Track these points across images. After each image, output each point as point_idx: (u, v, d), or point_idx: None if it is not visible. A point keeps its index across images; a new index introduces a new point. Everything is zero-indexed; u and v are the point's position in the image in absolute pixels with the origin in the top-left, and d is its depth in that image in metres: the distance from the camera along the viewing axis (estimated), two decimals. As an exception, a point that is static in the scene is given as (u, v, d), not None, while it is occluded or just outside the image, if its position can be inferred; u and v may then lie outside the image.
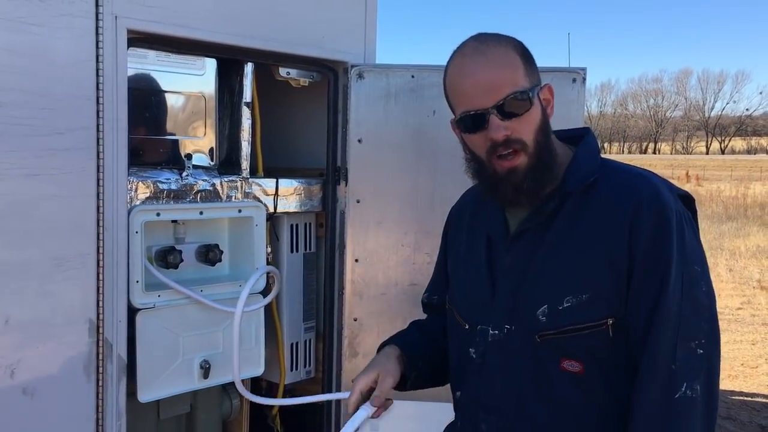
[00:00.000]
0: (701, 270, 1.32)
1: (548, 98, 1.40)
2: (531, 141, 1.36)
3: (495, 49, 1.38)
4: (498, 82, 1.36)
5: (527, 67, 1.37)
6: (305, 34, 2.25)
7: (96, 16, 1.77)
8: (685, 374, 1.28)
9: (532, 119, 1.36)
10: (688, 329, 1.29)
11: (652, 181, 1.37)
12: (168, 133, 2.13)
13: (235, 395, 2.41)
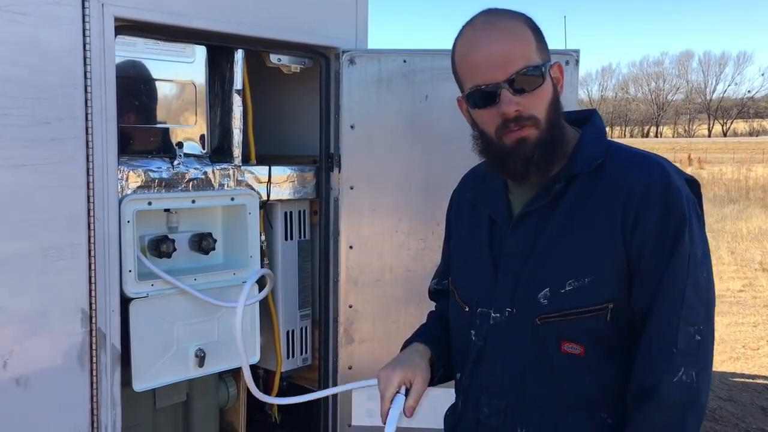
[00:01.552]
0: (702, 255, 1.31)
1: (558, 76, 1.37)
2: (543, 117, 1.34)
3: (507, 23, 1.36)
4: (511, 55, 1.34)
5: (539, 43, 1.34)
6: (296, 20, 2.23)
7: (82, 4, 1.75)
8: (684, 359, 1.28)
9: (544, 95, 1.34)
10: (689, 313, 1.28)
11: (661, 164, 1.35)
12: (158, 122, 2.12)
13: (231, 383, 2.41)
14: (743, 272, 9.85)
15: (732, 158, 36.18)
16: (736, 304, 8.19)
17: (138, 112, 2.07)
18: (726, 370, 6.03)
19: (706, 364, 1.31)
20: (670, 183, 1.30)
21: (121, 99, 1.86)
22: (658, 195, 1.29)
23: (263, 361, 2.41)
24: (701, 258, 1.31)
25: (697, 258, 1.30)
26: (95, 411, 1.85)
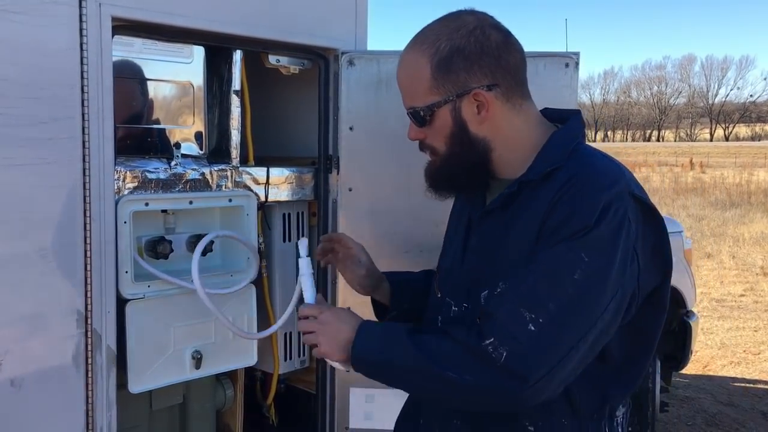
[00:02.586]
0: (589, 261, 1.28)
1: (479, 101, 1.41)
2: (441, 149, 1.47)
3: (409, 57, 1.47)
4: (405, 92, 1.49)
5: (439, 78, 1.41)
6: (295, 21, 2.22)
7: (79, 4, 1.75)
8: (500, 331, 1.29)
9: (438, 130, 1.45)
10: (532, 301, 1.29)
11: (614, 176, 1.35)
12: (155, 122, 2.11)
13: (228, 385, 2.41)
14: (744, 276, 9.83)
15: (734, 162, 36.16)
16: (737, 308, 8.17)
17: (135, 113, 2.06)
18: (727, 374, 6.01)
19: (527, 355, 1.28)
20: (587, 202, 1.30)
21: (118, 99, 1.85)
22: (573, 194, 1.31)
23: (261, 363, 2.40)
24: (585, 262, 1.28)
25: (576, 259, 1.28)
26: (91, 413, 1.84)
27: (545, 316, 1.29)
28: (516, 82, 1.46)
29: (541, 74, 2.24)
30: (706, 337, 7.01)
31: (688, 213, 15.89)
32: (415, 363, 1.36)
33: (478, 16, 1.46)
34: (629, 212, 1.31)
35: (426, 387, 1.40)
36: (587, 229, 1.29)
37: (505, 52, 1.44)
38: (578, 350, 1.31)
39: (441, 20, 1.48)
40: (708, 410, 5.20)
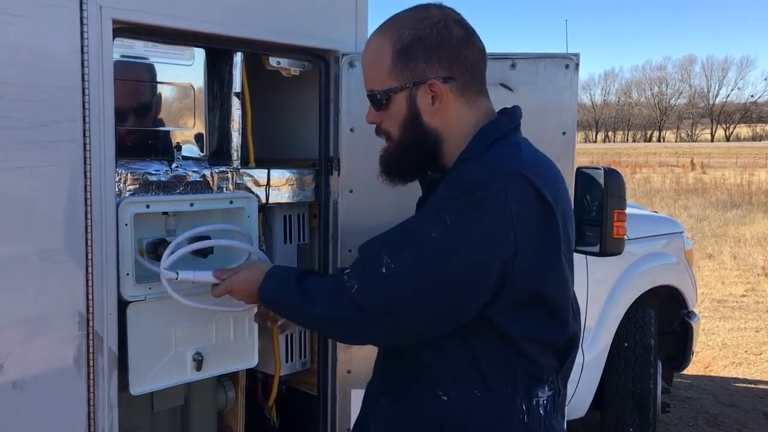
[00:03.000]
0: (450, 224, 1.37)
1: (434, 92, 1.50)
2: (394, 134, 1.56)
3: (375, 42, 1.56)
4: (367, 74, 1.58)
5: (398, 65, 1.50)
6: (295, 23, 2.22)
7: (80, 6, 1.75)
8: (358, 267, 1.47)
9: (393, 115, 1.54)
10: (392, 248, 1.43)
11: (504, 159, 1.46)
12: (157, 124, 2.11)
13: (230, 387, 2.41)
14: (746, 277, 9.82)
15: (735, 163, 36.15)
16: (739, 309, 8.17)
17: (136, 115, 2.07)
18: (728, 375, 6.01)
19: (372, 291, 1.42)
20: (478, 171, 1.43)
21: (119, 101, 1.86)
22: (450, 179, 1.45)
23: (262, 365, 2.40)
24: (444, 229, 1.38)
25: (438, 225, 1.38)
26: (92, 415, 1.84)
27: (398, 263, 1.40)
28: (473, 78, 1.54)
29: (541, 75, 2.24)
30: (707, 337, 7.01)
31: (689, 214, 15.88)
32: (294, 301, 1.57)
33: (444, 10, 1.54)
34: (510, 191, 1.38)
35: (302, 321, 1.68)
36: (455, 197, 1.40)
37: (465, 48, 1.51)
38: (423, 301, 1.41)
39: (409, 10, 1.55)
40: (709, 411, 5.19)
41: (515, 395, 1.46)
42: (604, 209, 2.68)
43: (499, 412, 1.45)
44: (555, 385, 1.53)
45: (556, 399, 1.54)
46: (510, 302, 1.41)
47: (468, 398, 1.45)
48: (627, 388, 4.13)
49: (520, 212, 1.37)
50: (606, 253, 2.74)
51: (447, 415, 1.46)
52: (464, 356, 1.45)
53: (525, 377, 1.47)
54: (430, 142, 1.52)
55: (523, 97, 2.26)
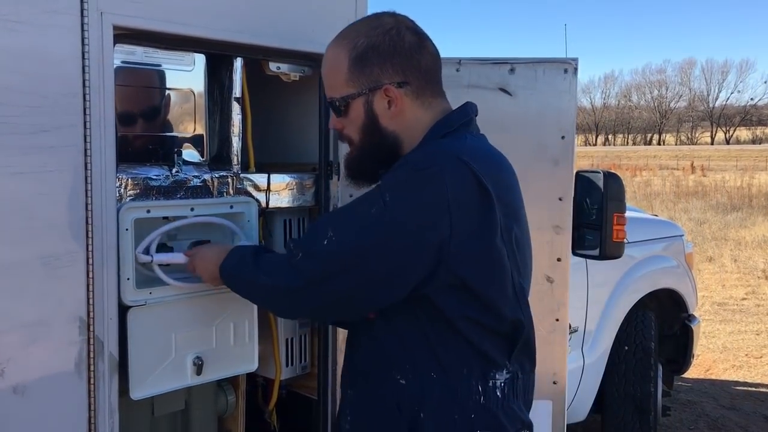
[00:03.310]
0: (389, 201, 1.45)
1: (390, 97, 1.57)
2: (355, 139, 1.64)
3: (330, 51, 1.65)
4: (326, 83, 1.67)
5: (354, 71, 1.57)
6: (295, 29, 2.23)
7: (81, 13, 1.75)
8: (305, 238, 1.67)
9: (352, 120, 1.62)
10: (337, 223, 1.55)
11: (445, 147, 1.53)
12: (157, 130, 2.12)
13: (230, 392, 2.41)
14: (746, 280, 9.83)
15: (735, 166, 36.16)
16: (739, 312, 8.18)
17: (136, 120, 2.07)
18: (729, 378, 6.01)
19: (313, 260, 1.53)
20: (413, 158, 1.52)
21: (119, 107, 1.86)
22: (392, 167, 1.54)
23: (262, 369, 2.40)
24: (382, 206, 1.45)
25: (377, 202, 1.46)
26: (93, 419, 1.84)
27: (339, 237, 1.49)
28: (427, 81, 1.60)
29: (540, 80, 2.25)
30: (707, 340, 7.01)
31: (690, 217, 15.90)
32: (250, 275, 1.65)
33: (397, 18, 1.62)
34: (448, 173, 1.44)
35: (256, 296, 1.74)
36: (396, 178, 1.48)
37: (418, 53, 1.58)
38: (359, 274, 1.48)
39: (364, 20, 1.67)
40: (710, 414, 5.20)
41: (470, 377, 1.52)
42: (604, 213, 2.69)
43: (455, 393, 1.51)
44: (512, 369, 1.58)
45: (515, 383, 1.58)
46: (446, 284, 1.47)
47: (425, 380, 1.51)
48: (627, 391, 4.14)
49: (456, 195, 1.43)
50: (606, 256, 2.75)
51: (405, 396, 1.52)
52: (419, 340, 1.51)
53: (478, 359, 1.52)
54: (388, 144, 1.59)
55: (522, 101, 2.27)
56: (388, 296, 1.50)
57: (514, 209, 1.59)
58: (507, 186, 1.57)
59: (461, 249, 1.43)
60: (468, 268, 1.46)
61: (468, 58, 2.28)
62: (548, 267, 2.35)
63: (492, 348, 1.54)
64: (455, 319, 1.49)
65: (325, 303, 1.58)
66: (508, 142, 2.31)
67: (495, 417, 1.52)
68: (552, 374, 2.41)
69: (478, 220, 1.45)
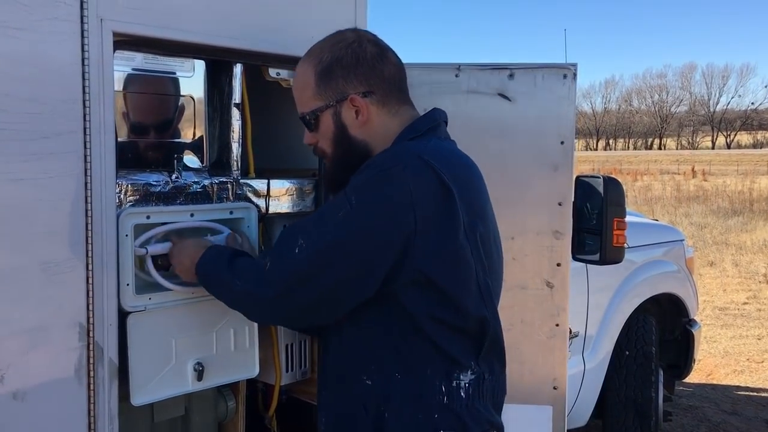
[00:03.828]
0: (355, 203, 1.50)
1: (356, 107, 1.64)
2: (329, 152, 1.71)
3: (299, 69, 1.74)
4: (296, 100, 1.74)
5: (321, 85, 1.66)
6: (295, 35, 2.23)
7: (81, 20, 1.76)
8: (275, 247, 1.66)
9: (324, 133, 1.69)
10: (305, 229, 1.57)
11: (407, 148, 1.57)
12: (157, 136, 2.12)
13: (230, 397, 2.41)
14: (747, 284, 9.82)
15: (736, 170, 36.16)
16: (741, 316, 8.17)
17: (136, 126, 2.08)
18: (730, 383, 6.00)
19: (282, 268, 1.57)
20: (379, 159, 1.55)
21: (119, 113, 1.87)
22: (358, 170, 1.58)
23: (262, 374, 2.40)
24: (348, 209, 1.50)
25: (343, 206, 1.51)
26: (92, 425, 1.84)
27: (309, 243, 1.53)
28: (391, 89, 1.68)
29: (539, 86, 2.26)
30: (709, 345, 7.00)
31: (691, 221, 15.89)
32: (224, 276, 1.69)
33: (358, 32, 1.72)
34: (410, 172, 1.49)
35: (229, 299, 1.75)
36: (360, 180, 1.53)
37: (380, 63, 1.66)
38: (329, 277, 1.52)
39: (328, 37, 1.73)
40: (712, 419, 5.19)
41: (434, 377, 1.54)
42: (604, 217, 2.69)
43: (418, 393, 1.54)
44: (478, 370, 1.59)
45: (481, 383, 1.60)
46: (411, 281, 1.50)
47: (389, 380, 1.55)
48: (628, 396, 4.13)
49: (419, 193, 1.47)
50: (606, 261, 2.75)
51: (371, 397, 1.56)
52: (385, 341, 1.55)
53: (442, 360, 1.55)
54: (359, 152, 1.64)
55: (521, 107, 2.28)
56: (359, 296, 1.55)
57: (479, 208, 1.63)
58: (470, 186, 1.61)
59: (426, 245, 1.48)
60: (432, 263, 1.49)
61: (467, 63, 2.29)
62: (548, 272, 2.36)
63: (457, 348, 1.57)
64: (420, 319, 1.53)
65: (295, 312, 1.63)
66: (507, 148, 2.33)
67: (459, 417, 1.55)
68: (552, 379, 2.41)
69: (441, 217, 1.49)
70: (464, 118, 2.27)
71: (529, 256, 2.35)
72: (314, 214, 1.66)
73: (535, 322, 2.39)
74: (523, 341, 2.39)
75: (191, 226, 2.08)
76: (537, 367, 2.39)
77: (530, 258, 2.35)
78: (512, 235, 2.33)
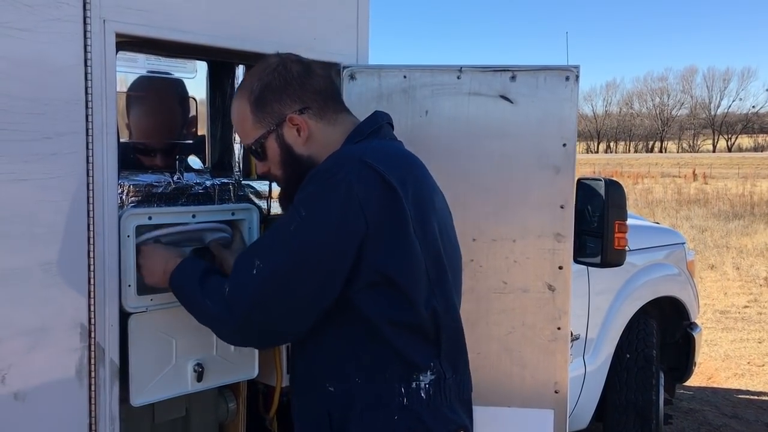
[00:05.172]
0: (305, 215, 1.52)
1: (296, 125, 1.68)
2: (280, 175, 1.74)
3: (234, 104, 1.77)
4: (239, 133, 1.78)
5: (258, 113, 1.69)
6: (296, 36, 2.24)
7: (84, 21, 1.76)
8: (233, 273, 1.62)
9: (272, 159, 1.72)
10: (259, 249, 1.60)
11: (348, 152, 1.61)
12: (159, 136, 2.13)
13: (231, 398, 2.41)
14: (748, 288, 9.81)
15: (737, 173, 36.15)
16: (741, 320, 8.16)
17: (139, 127, 2.08)
18: (731, 386, 5.99)
19: (239, 292, 1.57)
20: (327, 162, 1.58)
21: (122, 114, 1.87)
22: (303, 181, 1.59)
23: (263, 376, 2.40)
24: (300, 221, 1.52)
25: (294, 218, 1.53)
26: (93, 426, 1.84)
27: (264, 262, 1.53)
28: (325, 100, 1.72)
29: (541, 88, 2.26)
30: (709, 348, 6.99)
31: (692, 224, 15.88)
32: (193, 292, 1.69)
33: (281, 56, 1.76)
34: (353, 175, 1.51)
35: (197, 314, 1.73)
36: (306, 191, 1.54)
37: (308, 78, 1.71)
38: (288, 294, 1.53)
39: (255, 67, 1.77)
40: (712, 422, 5.18)
41: (393, 380, 1.57)
42: (605, 220, 2.69)
43: (378, 396, 1.57)
44: (438, 370, 1.62)
45: (442, 383, 1.62)
46: (367, 283, 1.52)
47: (350, 386, 1.58)
48: (629, 399, 4.13)
49: (365, 195, 1.50)
50: (607, 264, 2.75)
51: (334, 404, 1.60)
52: (344, 348, 1.58)
53: (400, 362, 1.57)
54: (308, 169, 1.64)
55: (523, 109, 2.27)
56: (320, 306, 1.57)
57: (427, 201, 1.65)
58: (416, 181, 1.63)
59: (378, 244, 1.50)
60: (387, 261, 1.52)
61: (469, 65, 2.29)
62: (550, 275, 2.35)
63: (415, 350, 1.59)
64: (377, 323, 1.55)
65: (257, 332, 1.64)
66: (509, 150, 2.32)
67: (419, 418, 1.58)
68: (554, 383, 2.40)
69: (389, 215, 1.52)
70: (466, 120, 2.27)
71: (531, 258, 2.35)
72: (268, 232, 1.67)
73: (537, 326, 2.38)
74: (524, 344, 2.38)
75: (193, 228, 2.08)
76: (538, 370, 2.38)
77: (532, 261, 2.35)
78: (514, 238, 2.33)
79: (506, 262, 2.35)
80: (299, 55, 1.79)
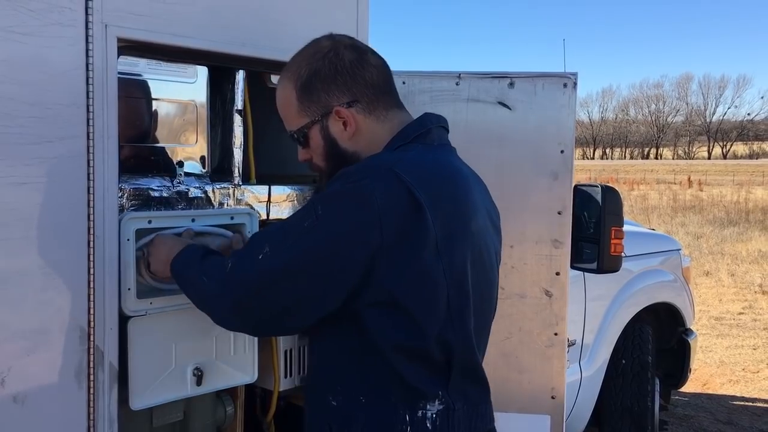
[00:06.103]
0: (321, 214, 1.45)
1: (343, 118, 1.59)
2: (323, 166, 1.67)
3: (279, 86, 1.71)
4: (283, 118, 1.71)
5: (303, 101, 1.61)
6: (297, 42, 2.23)
7: (86, 25, 1.77)
8: (240, 250, 1.61)
9: (315, 149, 1.65)
10: (271, 236, 1.54)
11: (380, 159, 1.52)
12: (159, 141, 2.13)
13: (229, 402, 2.41)
14: (743, 295, 9.85)
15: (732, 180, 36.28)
16: (736, 326, 8.19)
17: (139, 132, 2.09)
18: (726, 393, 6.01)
19: (243, 271, 1.53)
20: (343, 172, 1.49)
21: (122, 118, 1.88)
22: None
23: (261, 380, 2.40)
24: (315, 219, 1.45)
25: (310, 215, 1.47)
26: (92, 429, 1.84)
27: (273, 251, 1.49)
28: (376, 94, 1.59)
29: (539, 94, 2.27)
30: (704, 355, 7.01)
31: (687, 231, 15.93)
32: (194, 273, 1.66)
33: (334, 39, 1.65)
34: (378, 184, 1.41)
35: (197, 297, 1.69)
36: (328, 190, 1.48)
37: (360, 69, 1.58)
38: (290, 286, 1.47)
39: (303, 49, 1.68)
40: (707, 429, 5.19)
41: (398, 405, 1.47)
42: (602, 226, 2.70)
43: (380, 419, 1.48)
44: (446, 400, 1.50)
45: (450, 415, 1.50)
46: (375, 301, 1.43)
47: (354, 404, 1.51)
48: (625, 405, 4.14)
49: (387, 207, 1.39)
50: (603, 270, 2.76)
51: (336, 419, 1.53)
52: (351, 363, 1.51)
53: (404, 388, 1.47)
54: (352, 164, 1.55)
55: (521, 115, 2.29)
56: (319, 311, 1.49)
57: (462, 221, 1.51)
58: (451, 197, 1.50)
59: (391, 261, 1.40)
60: (397, 281, 1.41)
61: (468, 72, 2.30)
62: (547, 281, 2.37)
63: (421, 378, 1.48)
64: (383, 346, 1.45)
65: (251, 319, 1.58)
66: (507, 156, 2.34)
67: None
68: (551, 389, 2.41)
69: (408, 232, 1.40)
70: (465, 126, 2.28)
71: (528, 264, 2.36)
72: (283, 222, 1.58)
73: (534, 331, 2.39)
74: (521, 350, 2.40)
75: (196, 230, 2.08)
76: (535, 376, 2.40)
77: (529, 267, 2.36)
78: (511, 244, 2.34)
79: (504, 268, 2.34)
80: (354, 39, 1.67)
